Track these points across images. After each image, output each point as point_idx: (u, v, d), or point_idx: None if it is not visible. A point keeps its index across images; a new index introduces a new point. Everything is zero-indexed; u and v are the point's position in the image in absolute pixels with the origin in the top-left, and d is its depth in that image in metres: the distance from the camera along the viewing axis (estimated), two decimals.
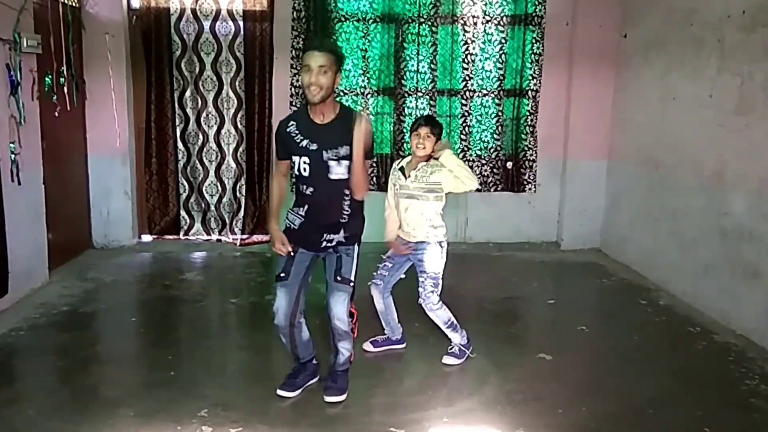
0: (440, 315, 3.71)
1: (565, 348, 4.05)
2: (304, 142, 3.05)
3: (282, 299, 3.19)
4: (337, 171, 3.05)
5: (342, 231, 3.17)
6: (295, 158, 3.09)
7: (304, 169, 3.07)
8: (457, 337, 3.78)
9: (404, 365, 3.79)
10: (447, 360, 3.78)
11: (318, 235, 3.15)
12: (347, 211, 3.15)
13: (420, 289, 3.66)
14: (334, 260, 3.20)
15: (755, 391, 3.48)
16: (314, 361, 3.46)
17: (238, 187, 6.36)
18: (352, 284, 3.21)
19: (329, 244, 3.18)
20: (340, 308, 3.19)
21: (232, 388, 3.43)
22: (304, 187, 3.11)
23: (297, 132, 3.09)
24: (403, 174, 3.67)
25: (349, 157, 3.03)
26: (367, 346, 3.94)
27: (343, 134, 3.01)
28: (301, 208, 3.15)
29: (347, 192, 3.11)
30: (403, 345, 3.99)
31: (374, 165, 6.31)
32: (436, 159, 3.61)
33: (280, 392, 3.31)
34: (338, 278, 3.18)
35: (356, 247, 3.24)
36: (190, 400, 3.25)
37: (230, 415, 3.13)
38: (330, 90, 2.99)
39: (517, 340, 4.26)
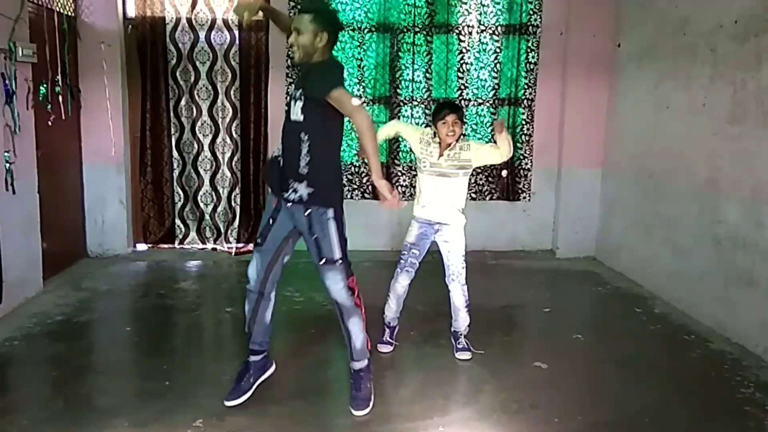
0: (465, 294, 3.88)
1: (561, 356, 4.05)
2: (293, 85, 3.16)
3: (257, 263, 3.23)
4: (295, 111, 3.04)
5: (305, 183, 3.06)
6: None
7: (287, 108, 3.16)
8: (466, 321, 3.94)
9: (399, 374, 3.78)
10: (463, 356, 3.92)
11: (284, 177, 3.12)
12: (306, 159, 3.04)
13: (452, 268, 3.81)
14: (312, 243, 3.12)
15: (750, 399, 3.48)
16: (262, 355, 3.41)
17: (233, 197, 6.35)
18: (340, 262, 3.13)
19: (294, 196, 3.09)
20: (334, 287, 3.16)
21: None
22: (284, 124, 3.19)
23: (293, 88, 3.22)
24: (438, 149, 3.73)
25: (302, 96, 3.02)
26: (383, 348, 3.99)
27: (305, 74, 3.06)
28: (279, 147, 3.22)
29: (304, 137, 3.03)
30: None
31: (369, 173, 6.31)
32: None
33: (227, 403, 3.25)
34: (323, 261, 3.13)
35: (332, 221, 3.12)
36: (185, 409, 3.23)
37: (225, 425, 3.11)
38: (308, 48, 3.02)
39: (512, 349, 4.26)
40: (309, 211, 3.10)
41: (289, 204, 3.15)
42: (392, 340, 4.06)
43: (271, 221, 3.22)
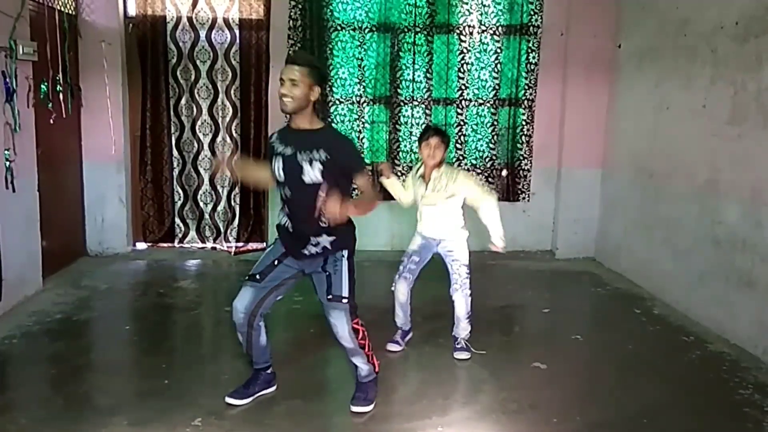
0: (468, 304, 3.95)
1: (560, 357, 4.05)
2: (281, 148, 3.09)
3: (246, 297, 3.18)
4: (310, 174, 3.01)
5: (326, 234, 3.09)
6: (274, 163, 3.11)
7: (279, 174, 3.09)
8: (467, 330, 4.00)
9: (399, 374, 3.79)
10: (460, 355, 3.96)
11: (304, 240, 3.11)
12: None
13: (455, 277, 3.89)
14: (323, 279, 3.16)
15: (749, 400, 3.49)
16: (269, 371, 3.43)
17: (232, 196, 6.35)
18: (346, 300, 3.14)
19: (316, 250, 3.12)
20: (339, 327, 3.15)
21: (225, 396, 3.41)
22: (283, 191, 3.13)
23: (277, 140, 3.15)
24: (423, 183, 3.86)
25: (320, 161, 3.00)
26: (392, 347, 4.03)
27: (319, 141, 3.03)
28: (284, 210, 3.18)
29: (323, 194, 3.02)
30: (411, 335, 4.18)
31: (369, 173, 6.32)
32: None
33: (228, 400, 3.29)
34: (329, 297, 3.13)
35: (345, 261, 3.18)
36: (184, 408, 3.23)
37: (224, 423, 3.12)
38: (302, 101, 3.00)
39: (511, 349, 4.26)
40: (328, 265, 3.17)
41: (307, 256, 3.17)
42: (402, 342, 4.10)
43: (276, 263, 3.20)
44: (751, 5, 4.16)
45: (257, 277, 3.19)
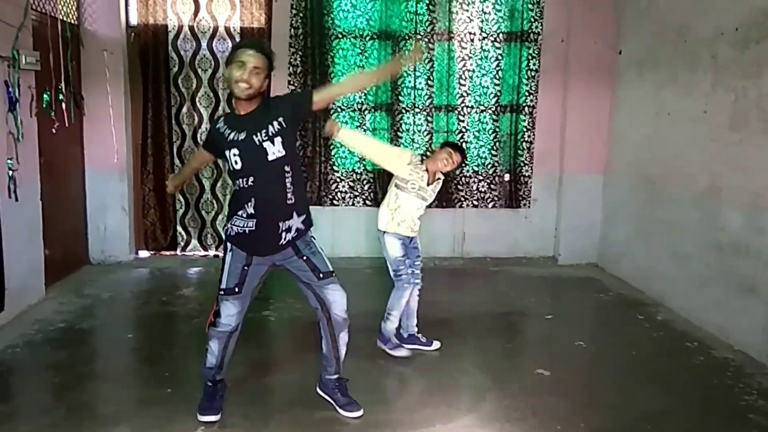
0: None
1: (563, 363, 4.05)
2: (232, 135, 3.02)
3: (234, 309, 3.13)
4: (273, 150, 2.98)
5: (295, 215, 3.07)
6: (227, 153, 3.04)
7: (236, 162, 3.01)
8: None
9: (401, 382, 3.78)
10: (399, 352, 4.06)
11: (275, 229, 3.04)
12: (290, 188, 3.04)
13: (417, 272, 4.05)
14: (303, 264, 3.14)
15: (753, 406, 3.48)
16: (220, 376, 3.40)
17: None
18: (334, 272, 3.21)
19: (290, 236, 3.07)
20: (340, 299, 3.21)
21: (228, 405, 3.40)
22: (243, 180, 3.02)
23: (225, 126, 3.07)
24: (425, 179, 3.97)
25: (280, 132, 2.98)
26: (400, 352, 4.05)
27: (267, 115, 3.00)
28: (249, 205, 3.03)
29: (288, 169, 3.03)
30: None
31: (371, 180, 6.35)
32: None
33: (204, 419, 3.20)
34: (321, 276, 3.15)
35: (315, 239, 3.21)
36: (187, 417, 3.22)
37: None
38: (258, 91, 3.00)
39: (514, 356, 4.26)
40: (302, 248, 3.15)
41: (283, 246, 3.11)
42: (424, 338, 4.20)
43: (245, 268, 3.12)
44: (751, 11, 4.17)
45: (236, 290, 3.11)
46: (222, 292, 3.13)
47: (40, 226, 4.92)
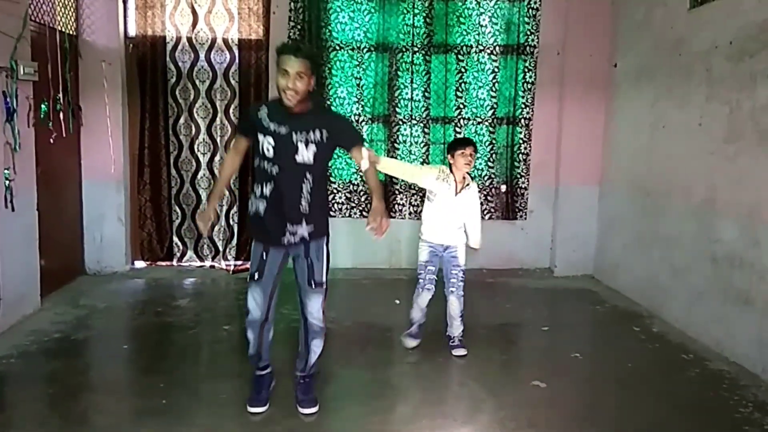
0: (462, 304, 4.23)
1: (560, 375, 4.04)
2: (273, 126, 3.08)
3: (258, 296, 3.24)
4: (304, 154, 3.09)
5: (305, 223, 3.18)
6: (260, 137, 3.10)
7: (268, 149, 3.09)
8: (460, 329, 4.28)
9: (398, 393, 3.77)
10: (459, 352, 4.20)
11: (281, 225, 3.16)
12: (308, 199, 3.16)
13: (453, 280, 4.19)
14: (305, 267, 3.27)
15: (749, 418, 3.48)
16: (270, 370, 3.53)
17: (230, 215, 6.36)
18: (324, 286, 3.32)
19: (293, 239, 3.18)
20: (316, 307, 3.32)
21: (224, 416, 3.39)
22: (269, 165, 3.12)
23: (267, 117, 3.12)
24: (451, 188, 4.10)
25: (317, 142, 3.09)
26: (410, 342, 4.26)
27: (317, 121, 3.12)
28: (266, 187, 3.14)
29: (309, 177, 3.14)
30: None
31: (368, 192, 6.35)
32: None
33: (250, 410, 3.35)
34: (312, 284, 3.27)
35: (326, 247, 3.32)
36: (183, 428, 3.22)
37: None
38: (305, 94, 3.06)
39: (511, 367, 4.26)
40: (311, 252, 3.27)
41: (285, 245, 3.24)
42: (418, 335, 4.32)
43: (264, 255, 3.25)
44: (745, 25, 4.21)
45: (256, 276, 3.24)
46: (250, 279, 3.28)
47: (36, 236, 4.91)
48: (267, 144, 3.09)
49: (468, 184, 4.19)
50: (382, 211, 3.12)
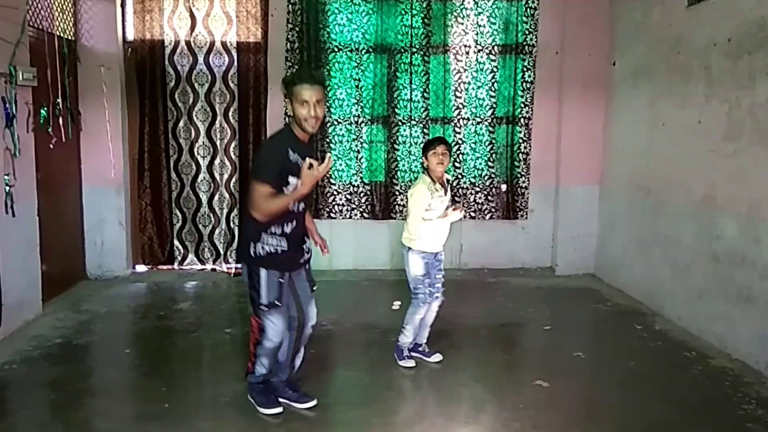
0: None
1: (562, 374, 4.04)
2: (300, 162, 3.09)
3: (280, 323, 3.27)
4: None
5: (307, 235, 3.44)
6: (292, 180, 3.10)
7: (296, 188, 3.11)
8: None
9: (400, 395, 3.77)
10: (438, 358, 4.15)
11: (301, 248, 3.35)
12: (305, 218, 3.42)
13: (438, 285, 4.06)
14: (302, 274, 3.39)
15: (752, 415, 3.47)
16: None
17: (231, 218, 6.37)
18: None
19: (308, 256, 3.40)
20: (314, 316, 3.47)
21: (226, 420, 3.39)
22: (297, 204, 3.19)
23: (295, 154, 3.13)
24: (441, 191, 3.98)
25: None
26: (405, 363, 4.08)
27: (312, 144, 3.40)
28: (287, 225, 3.20)
29: (307, 201, 3.35)
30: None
31: (369, 193, 6.36)
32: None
33: (268, 411, 3.38)
34: (312, 289, 3.45)
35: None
36: None
37: None
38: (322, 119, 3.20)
39: (513, 367, 4.25)
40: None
41: (301, 264, 3.40)
42: (427, 349, 4.22)
43: (281, 281, 3.26)
44: (744, 23, 4.21)
45: (277, 302, 3.23)
46: (264, 308, 3.24)
47: (37, 241, 4.92)
48: (296, 183, 3.08)
49: (448, 179, 4.12)
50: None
